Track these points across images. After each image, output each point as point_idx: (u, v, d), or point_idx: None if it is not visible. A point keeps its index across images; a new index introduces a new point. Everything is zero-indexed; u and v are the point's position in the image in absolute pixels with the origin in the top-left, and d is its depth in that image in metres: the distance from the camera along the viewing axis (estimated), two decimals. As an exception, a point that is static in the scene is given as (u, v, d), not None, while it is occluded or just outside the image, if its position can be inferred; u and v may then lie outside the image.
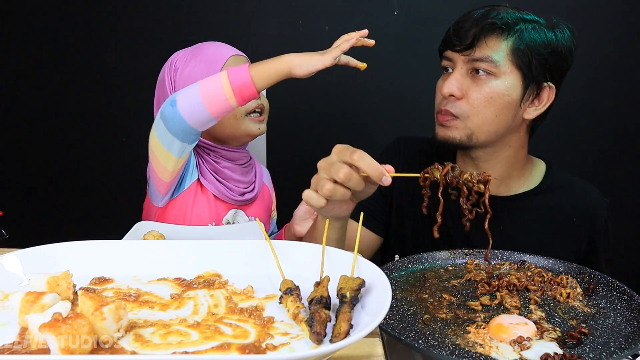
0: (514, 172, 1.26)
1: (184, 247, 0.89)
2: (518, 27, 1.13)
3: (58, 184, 2.13)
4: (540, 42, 1.13)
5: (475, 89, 1.15)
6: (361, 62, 1.15)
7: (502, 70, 1.13)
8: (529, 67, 1.14)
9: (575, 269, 1.02)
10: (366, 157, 0.90)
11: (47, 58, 2.05)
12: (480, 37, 1.13)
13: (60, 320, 0.61)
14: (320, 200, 0.92)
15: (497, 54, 1.13)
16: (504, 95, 1.14)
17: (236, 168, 1.38)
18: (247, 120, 1.33)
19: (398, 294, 0.94)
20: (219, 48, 1.32)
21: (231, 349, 0.65)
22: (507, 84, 1.14)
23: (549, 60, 1.14)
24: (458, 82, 1.16)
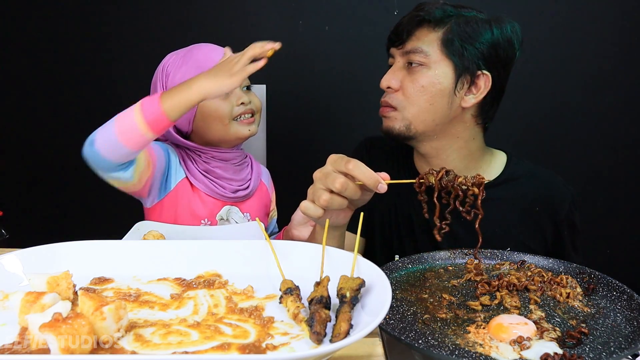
0: (469, 164, 1.26)
1: (184, 247, 0.89)
2: (448, 20, 1.17)
3: (58, 184, 2.13)
4: (472, 33, 1.16)
5: (409, 79, 1.19)
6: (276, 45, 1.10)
7: (432, 60, 1.17)
8: (460, 57, 1.17)
9: (575, 269, 1.02)
10: (361, 166, 0.91)
11: (47, 58, 2.05)
12: (411, 30, 1.19)
13: (60, 320, 0.61)
14: (318, 211, 0.94)
15: (426, 45, 1.17)
16: (435, 83, 1.18)
17: (228, 167, 1.37)
18: (235, 124, 1.32)
19: (398, 294, 0.94)
20: (211, 52, 1.31)
21: (231, 349, 0.65)
22: (438, 72, 1.18)
23: (482, 50, 1.17)
24: (395, 74, 1.22)
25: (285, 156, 2.10)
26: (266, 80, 2.03)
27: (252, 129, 1.35)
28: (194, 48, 1.33)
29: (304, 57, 2.02)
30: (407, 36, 1.20)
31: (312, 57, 2.02)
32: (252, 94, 1.36)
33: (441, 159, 1.25)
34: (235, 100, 1.31)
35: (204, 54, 1.30)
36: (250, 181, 1.41)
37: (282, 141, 2.08)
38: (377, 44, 2.03)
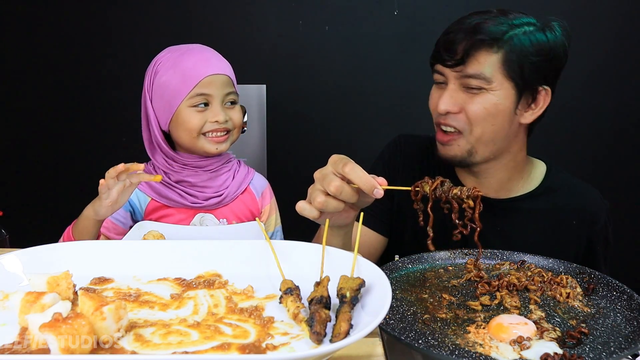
0: (513, 175, 1.26)
1: (184, 247, 0.89)
2: (507, 37, 1.12)
3: (58, 184, 2.13)
4: (531, 48, 1.12)
5: (471, 102, 1.15)
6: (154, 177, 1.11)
7: (494, 84, 1.13)
8: (521, 76, 1.13)
9: (575, 269, 1.02)
10: (357, 170, 0.90)
11: (47, 58, 2.05)
12: (470, 52, 1.12)
13: (60, 320, 0.61)
14: (313, 212, 0.93)
15: (487, 69, 1.12)
16: (497, 105, 1.14)
17: (202, 174, 1.33)
18: (203, 139, 1.28)
19: (398, 294, 0.94)
20: (199, 63, 1.26)
21: (231, 349, 0.65)
22: (500, 94, 1.14)
23: (542, 65, 1.14)
24: (453, 98, 1.16)
25: (285, 156, 2.10)
26: (266, 80, 2.03)
27: (221, 147, 1.30)
28: (187, 52, 1.29)
29: (304, 57, 2.02)
30: (466, 58, 1.13)
31: (312, 57, 2.02)
32: (235, 110, 1.32)
33: (489, 173, 1.24)
34: (210, 115, 1.27)
35: (192, 63, 1.26)
36: (227, 189, 1.36)
37: (282, 141, 2.08)
38: (377, 44, 2.04)
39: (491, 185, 1.25)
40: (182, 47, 1.32)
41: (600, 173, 2.06)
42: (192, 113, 1.26)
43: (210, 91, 1.26)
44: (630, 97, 2.02)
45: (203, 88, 1.25)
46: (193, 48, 1.32)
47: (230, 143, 1.33)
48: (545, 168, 1.30)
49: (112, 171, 1.07)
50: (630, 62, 2.01)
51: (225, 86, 1.28)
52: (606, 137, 2.06)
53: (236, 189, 1.38)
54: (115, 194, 1.08)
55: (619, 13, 1.97)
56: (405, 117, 2.06)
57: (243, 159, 2.07)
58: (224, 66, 1.30)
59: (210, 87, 1.26)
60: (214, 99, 1.27)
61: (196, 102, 1.25)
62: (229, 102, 1.30)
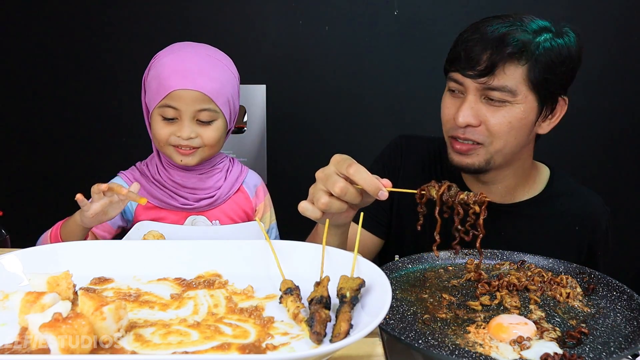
0: (520, 181, 1.25)
1: (184, 247, 0.89)
2: (533, 49, 1.08)
3: (58, 184, 2.13)
4: (556, 59, 1.09)
5: (493, 115, 1.11)
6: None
7: (518, 97, 1.10)
8: (545, 88, 1.11)
9: (575, 269, 1.02)
10: (362, 172, 0.88)
11: (46, 58, 2.05)
12: (498, 65, 1.07)
13: (60, 320, 0.61)
14: (316, 212, 0.92)
15: (514, 83, 1.09)
16: (521, 119, 1.12)
17: (190, 176, 1.32)
18: (170, 148, 1.25)
19: (398, 294, 0.94)
20: (174, 74, 1.20)
21: (231, 349, 0.65)
22: (525, 108, 1.11)
23: (565, 74, 1.12)
24: (473, 110, 1.12)
25: (285, 156, 2.10)
26: (266, 80, 2.03)
27: (186, 160, 1.26)
28: (176, 57, 1.24)
29: (304, 57, 2.02)
30: (491, 70, 1.08)
31: (312, 57, 2.02)
32: (209, 127, 1.25)
33: (497, 180, 1.23)
34: (176, 129, 1.23)
35: (168, 74, 1.21)
36: (218, 190, 1.34)
37: (282, 141, 2.08)
38: (377, 44, 2.04)
39: (498, 191, 1.25)
40: (179, 48, 1.27)
41: (601, 173, 2.06)
42: (159, 122, 1.23)
43: (179, 105, 1.21)
44: (631, 99, 2.02)
45: (172, 100, 1.21)
46: (185, 54, 1.25)
47: (200, 158, 1.27)
48: (549, 173, 1.30)
49: (95, 188, 1.08)
50: (631, 64, 2.01)
51: (197, 102, 1.21)
52: (606, 138, 2.06)
53: (228, 190, 1.36)
54: (99, 207, 1.08)
55: (619, 14, 1.97)
56: (406, 117, 2.06)
57: (243, 159, 2.08)
58: (203, 82, 1.21)
59: (179, 101, 1.20)
60: (182, 114, 1.22)
61: (164, 112, 1.22)
62: (202, 119, 1.23)
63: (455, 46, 1.15)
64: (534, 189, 1.27)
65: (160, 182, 1.31)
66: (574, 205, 1.26)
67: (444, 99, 1.21)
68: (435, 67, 2.01)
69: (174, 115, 1.22)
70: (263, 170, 2.08)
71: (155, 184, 1.31)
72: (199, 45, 1.30)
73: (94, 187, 1.08)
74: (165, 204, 1.30)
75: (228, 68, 1.29)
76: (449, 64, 1.17)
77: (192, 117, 1.22)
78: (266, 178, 2.08)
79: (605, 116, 2.04)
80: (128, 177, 1.33)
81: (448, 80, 1.18)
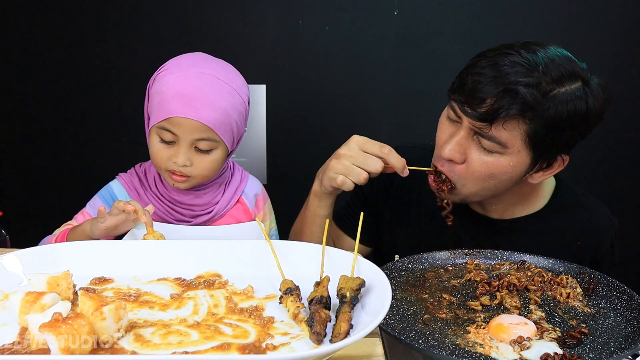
0: (519, 199, 1.19)
1: (184, 247, 0.89)
2: (544, 107, 0.98)
3: (58, 184, 2.13)
4: (566, 120, 0.99)
5: (477, 158, 1.05)
6: None
7: (510, 150, 1.03)
8: (543, 149, 1.03)
9: (575, 269, 1.02)
10: (394, 152, 1.09)
11: (46, 58, 2.05)
12: (499, 117, 0.98)
13: (60, 320, 0.61)
14: (351, 184, 1.10)
15: (511, 137, 1.01)
16: (507, 172, 1.05)
17: (186, 192, 1.27)
18: (165, 173, 1.22)
19: (398, 294, 0.94)
20: (176, 98, 1.13)
21: (231, 349, 0.65)
22: (514, 162, 1.04)
23: (571, 135, 1.03)
24: (461, 147, 1.06)
25: (285, 156, 2.10)
26: (266, 80, 2.03)
27: (178, 185, 1.22)
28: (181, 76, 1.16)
29: (304, 57, 2.02)
30: (491, 119, 0.99)
31: (312, 57, 2.02)
32: (205, 158, 1.19)
33: (494, 201, 1.18)
34: (173, 154, 1.18)
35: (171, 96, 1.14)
36: (216, 205, 1.30)
37: (282, 141, 2.08)
38: (377, 44, 2.04)
39: (496, 210, 1.21)
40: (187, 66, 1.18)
41: (600, 172, 2.06)
42: (157, 144, 1.19)
43: (177, 132, 1.15)
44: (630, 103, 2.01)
45: (170, 125, 1.15)
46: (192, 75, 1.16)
47: (191, 185, 1.23)
48: (554, 185, 1.23)
49: (120, 205, 1.08)
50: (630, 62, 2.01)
51: (197, 132, 1.15)
52: (606, 136, 2.06)
53: (227, 204, 1.32)
54: (114, 222, 1.08)
55: (618, 14, 1.97)
56: (405, 117, 2.06)
57: (243, 159, 2.08)
58: (205, 113, 1.14)
59: (178, 128, 1.15)
60: (180, 140, 1.16)
61: (162, 135, 1.17)
62: (200, 147, 1.18)
63: (465, 74, 1.05)
64: (535, 204, 1.21)
65: (157, 194, 1.28)
66: (576, 219, 1.20)
67: (442, 121, 1.14)
68: (435, 67, 2.02)
69: (171, 139, 1.17)
70: (263, 171, 2.08)
71: (152, 195, 1.28)
72: (209, 64, 1.20)
73: (118, 204, 1.08)
74: (160, 218, 1.27)
75: (236, 91, 1.20)
76: (452, 90, 1.08)
77: (190, 144, 1.17)
78: (266, 178, 2.08)
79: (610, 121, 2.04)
80: (127, 182, 1.30)
81: (449, 102, 1.11)
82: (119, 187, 1.30)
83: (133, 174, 1.33)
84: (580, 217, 1.21)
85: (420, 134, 1.52)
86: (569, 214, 1.20)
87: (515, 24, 1.95)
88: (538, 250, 1.12)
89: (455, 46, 1.96)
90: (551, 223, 1.20)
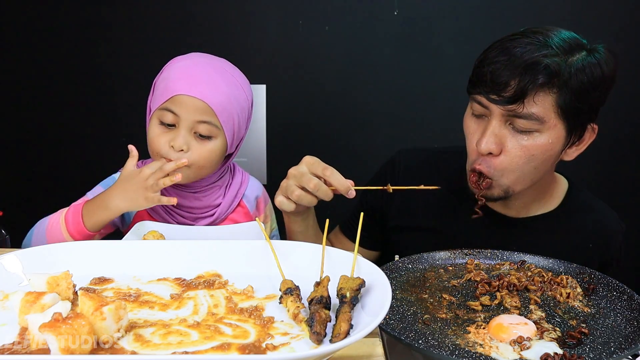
0: (537, 195, 1.21)
1: (184, 247, 0.89)
2: (565, 73, 1.01)
3: (58, 184, 2.13)
4: (587, 82, 1.02)
5: (515, 144, 1.05)
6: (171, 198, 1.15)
7: (546, 126, 1.03)
8: (575, 116, 1.04)
9: (575, 269, 1.02)
10: (336, 174, 1.04)
11: (46, 58, 2.05)
12: (528, 93, 1.00)
13: (60, 320, 0.61)
14: (291, 205, 1.08)
15: (543, 111, 1.02)
16: (547, 150, 1.06)
17: (186, 194, 1.26)
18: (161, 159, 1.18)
19: (398, 294, 0.94)
20: (182, 80, 1.15)
21: (231, 349, 0.65)
22: (552, 138, 1.05)
23: (596, 101, 1.06)
24: (497, 137, 1.06)
25: (285, 156, 2.09)
26: (266, 80, 2.03)
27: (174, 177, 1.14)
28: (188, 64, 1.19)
29: (304, 57, 2.02)
30: (520, 98, 1.00)
31: (312, 57, 2.02)
32: (203, 146, 1.18)
33: (517, 197, 1.16)
34: (171, 138, 1.16)
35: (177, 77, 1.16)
36: (217, 208, 1.29)
37: (282, 141, 2.08)
38: (377, 44, 2.04)
39: (514, 206, 1.21)
40: (196, 56, 1.22)
41: (600, 172, 2.06)
42: (156, 127, 1.18)
43: (179, 111, 1.14)
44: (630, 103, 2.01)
45: (173, 105, 1.15)
46: (199, 62, 1.20)
47: (185, 177, 1.17)
48: (567, 186, 1.25)
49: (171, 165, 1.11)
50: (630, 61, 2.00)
51: (198, 112, 1.14)
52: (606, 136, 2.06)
53: (227, 207, 1.31)
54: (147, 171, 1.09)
55: (619, 14, 1.97)
56: (405, 117, 2.06)
57: (243, 159, 2.08)
58: (209, 92, 1.15)
59: (180, 107, 1.14)
60: (181, 121, 1.15)
61: (163, 116, 1.16)
62: (200, 132, 1.17)
63: (480, 67, 1.07)
64: (550, 203, 1.23)
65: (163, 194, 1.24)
66: (589, 221, 1.22)
67: (468, 122, 1.13)
68: (435, 68, 2.02)
69: (172, 121, 1.16)
70: (263, 171, 2.08)
71: None
72: (216, 58, 1.24)
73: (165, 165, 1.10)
74: (162, 219, 1.26)
75: (242, 87, 1.22)
76: (472, 85, 1.09)
77: (190, 127, 1.16)
78: (266, 178, 2.07)
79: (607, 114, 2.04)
80: None
81: (471, 101, 1.11)
82: None
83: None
84: (593, 219, 1.23)
85: (420, 133, 1.52)
86: (582, 215, 1.22)
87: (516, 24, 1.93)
88: (550, 249, 1.13)
89: (455, 46, 1.96)
90: (565, 223, 1.21)
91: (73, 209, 1.14)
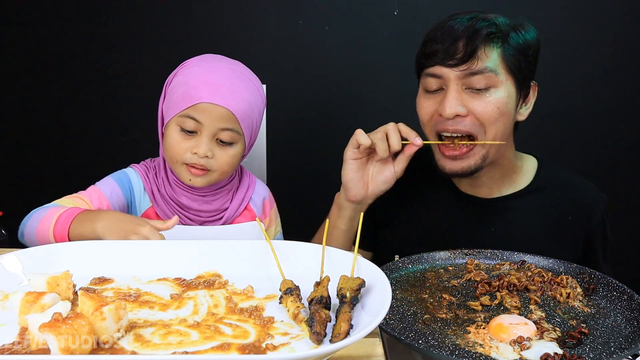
0: (505, 172, 1.24)
1: (184, 247, 0.89)
2: (505, 31, 1.11)
3: (58, 184, 2.12)
4: (523, 43, 1.12)
5: (480, 103, 1.10)
6: None
7: (500, 80, 1.10)
8: (520, 70, 1.12)
9: (575, 269, 1.02)
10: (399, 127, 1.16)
11: (47, 59, 2.05)
12: (478, 48, 1.08)
13: (60, 320, 0.61)
14: (368, 140, 1.14)
15: (493, 64, 1.09)
16: (507, 104, 1.11)
17: (195, 197, 1.25)
18: (182, 167, 1.18)
19: (398, 294, 0.94)
20: (205, 86, 1.14)
21: (231, 349, 0.65)
22: (506, 92, 1.11)
23: (533, 59, 1.15)
24: (458, 99, 1.10)
25: (285, 156, 2.10)
26: (266, 80, 2.03)
27: (195, 181, 1.18)
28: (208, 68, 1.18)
29: (304, 57, 2.02)
30: (471, 54, 1.08)
31: (312, 57, 2.02)
32: (226, 151, 1.18)
33: (483, 172, 1.19)
34: (193, 145, 1.16)
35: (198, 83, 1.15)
36: (225, 212, 1.28)
37: (282, 141, 2.07)
38: (377, 44, 2.04)
39: (484, 185, 1.23)
40: (212, 60, 1.22)
41: (600, 172, 2.06)
42: (176, 134, 1.16)
43: (202, 119, 1.14)
44: (629, 97, 2.02)
45: (196, 112, 1.14)
46: (219, 67, 1.19)
47: (208, 181, 1.20)
48: (536, 164, 1.28)
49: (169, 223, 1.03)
50: (630, 61, 2.00)
51: (222, 120, 1.14)
52: (606, 136, 2.06)
53: (235, 211, 1.31)
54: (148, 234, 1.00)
55: (618, 13, 1.97)
56: (405, 117, 2.05)
57: (243, 160, 2.07)
58: (234, 101, 1.15)
59: (204, 115, 1.13)
60: (203, 129, 1.14)
61: (184, 123, 1.15)
62: (222, 139, 1.17)
63: (429, 42, 1.16)
64: (520, 181, 1.25)
65: (165, 198, 1.26)
66: (564, 195, 1.23)
67: (420, 100, 1.20)
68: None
69: (194, 128, 1.15)
70: (263, 171, 2.08)
71: (161, 198, 1.26)
72: (232, 61, 1.24)
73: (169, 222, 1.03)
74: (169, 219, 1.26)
75: (259, 92, 1.24)
76: (425, 59, 1.16)
77: (213, 135, 1.15)
78: (266, 178, 2.07)
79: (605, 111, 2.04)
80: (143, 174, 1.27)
81: (423, 78, 1.18)
82: (135, 177, 1.27)
83: (149, 166, 1.30)
84: (568, 192, 1.24)
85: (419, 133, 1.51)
86: (556, 190, 1.24)
87: (515, 24, 1.95)
88: (529, 227, 1.19)
89: (455, 46, 1.96)
90: (540, 199, 1.23)
91: (68, 212, 1.10)
